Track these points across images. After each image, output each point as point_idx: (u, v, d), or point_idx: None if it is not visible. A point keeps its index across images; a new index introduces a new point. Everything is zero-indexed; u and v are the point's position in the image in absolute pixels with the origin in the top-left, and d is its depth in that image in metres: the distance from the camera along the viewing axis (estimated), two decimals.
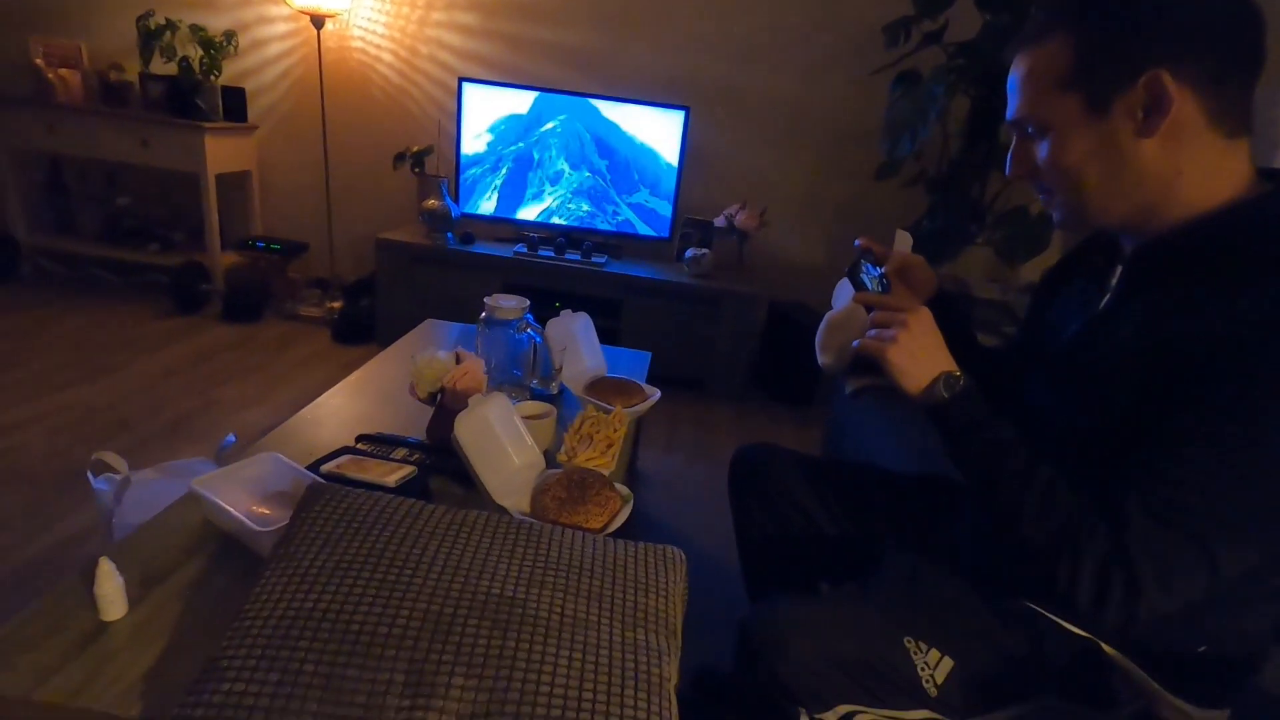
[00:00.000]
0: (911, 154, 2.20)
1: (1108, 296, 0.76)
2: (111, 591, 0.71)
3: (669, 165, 2.67)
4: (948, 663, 0.72)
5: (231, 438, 1.35)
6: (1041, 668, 0.73)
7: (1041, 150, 0.71)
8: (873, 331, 0.77)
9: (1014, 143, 0.75)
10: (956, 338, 0.80)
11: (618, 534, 0.91)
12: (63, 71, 2.74)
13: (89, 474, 1.26)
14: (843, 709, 0.72)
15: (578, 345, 1.41)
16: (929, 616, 0.76)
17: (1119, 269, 0.76)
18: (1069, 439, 0.72)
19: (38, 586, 1.32)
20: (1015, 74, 0.72)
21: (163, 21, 2.68)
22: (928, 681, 0.72)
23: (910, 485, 1.05)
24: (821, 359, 1.01)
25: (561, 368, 1.37)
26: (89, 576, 0.72)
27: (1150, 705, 0.73)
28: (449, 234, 2.69)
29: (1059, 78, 0.67)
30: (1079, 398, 0.73)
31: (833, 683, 0.71)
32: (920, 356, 0.74)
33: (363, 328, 2.78)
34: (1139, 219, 0.70)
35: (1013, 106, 0.72)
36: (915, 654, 0.73)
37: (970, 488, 0.72)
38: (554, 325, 1.39)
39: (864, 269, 0.88)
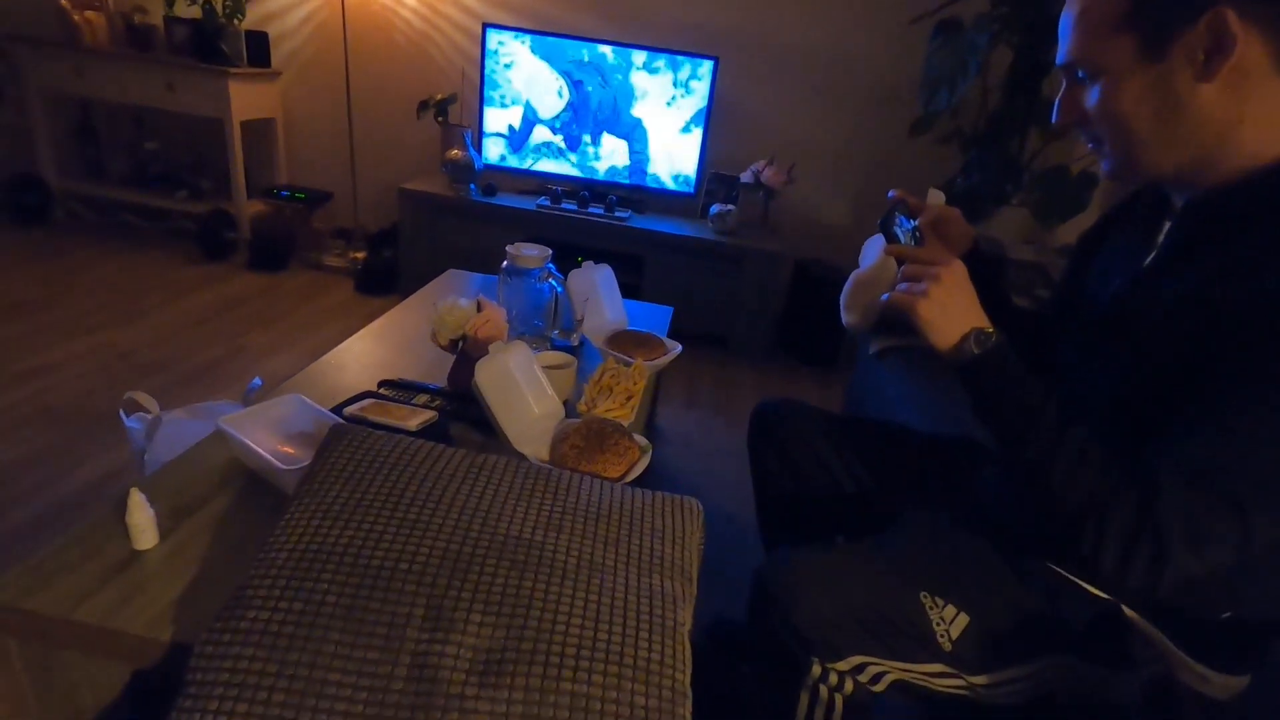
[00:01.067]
0: (948, 108, 2.12)
1: (1153, 253, 0.73)
2: (143, 522, 0.73)
3: (697, 117, 2.60)
4: (963, 618, 0.72)
5: (258, 381, 1.37)
6: (1058, 627, 0.73)
7: (1092, 95, 0.67)
8: (903, 285, 0.75)
9: (1063, 87, 0.71)
10: (990, 295, 0.78)
11: (635, 484, 0.91)
12: (88, 14, 2.72)
13: (121, 413, 1.29)
14: (855, 659, 0.72)
15: (599, 297, 1.40)
16: (945, 572, 0.76)
17: (1167, 225, 0.73)
18: (1102, 401, 0.71)
19: (72, 521, 1.37)
20: (1068, 14, 0.68)
21: None
22: (942, 636, 0.72)
23: (930, 444, 1.04)
24: (847, 318, 0.99)
25: (583, 319, 1.36)
26: (122, 508, 0.74)
27: (1168, 669, 0.72)
28: (472, 185, 2.67)
29: (1114, 17, 0.63)
30: (1116, 358, 0.71)
31: (847, 633, 0.72)
32: (951, 311, 0.72)
33: (386, 278, 2.79)
34: (1193, 170, 0.67)
35: (1064, 49, 0.69)
36: (931, 609, 0.73)
37: (998, 446, 0.70)
38: (576, 276, 1.38)
39: (897, 221, 0.85)
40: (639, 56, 2.54)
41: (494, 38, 2.56)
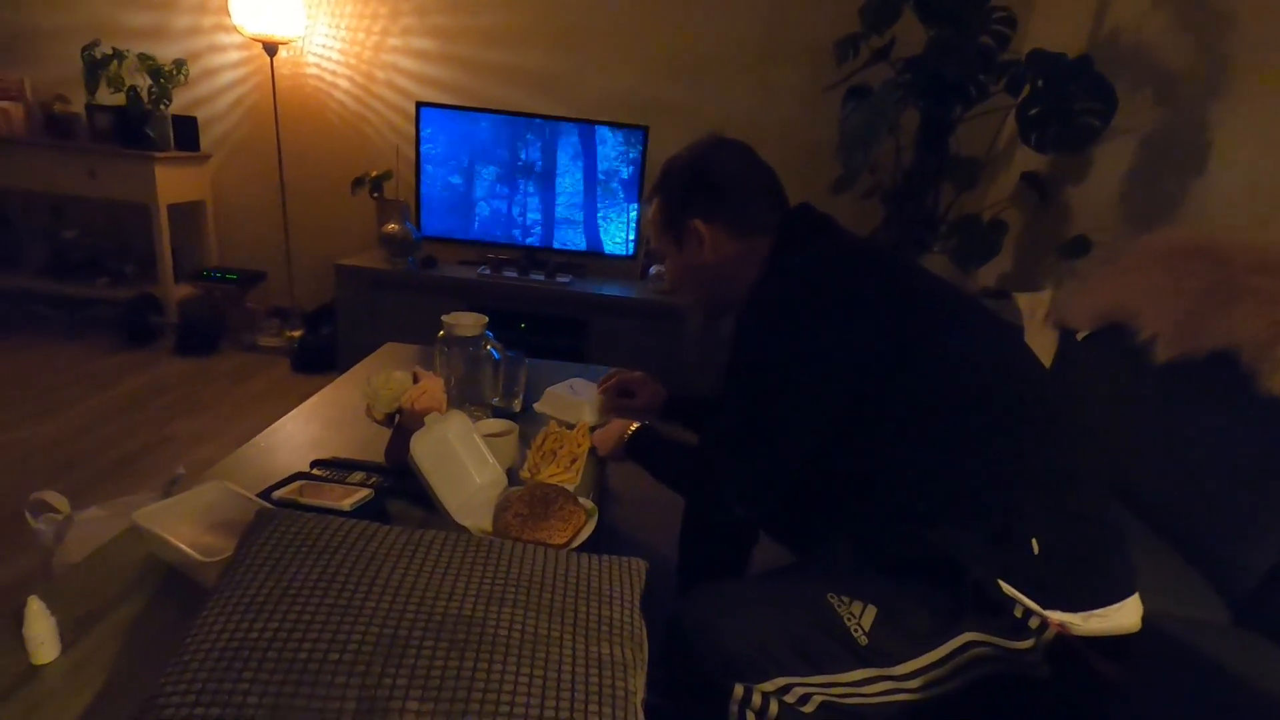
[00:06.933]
0: (864, 167, 2.24)
1: None
2: (42, 633, 0.67)
3: (631, 183, 2.68)
4: (871, 610, 0.75)
5: (181, 471, 1.30)
6: (955, 604, 0.75)
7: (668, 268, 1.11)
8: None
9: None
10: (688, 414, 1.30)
11: (584, 549, 0.89)
12: (4, 104, 2.66)
13: (28, 514, 1.20)
14: (780, 680, 0.72)
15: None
16: (844, 573, 0.81)
17: None
18: None
19: None
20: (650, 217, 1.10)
21: (109, 51, 2.62)
22: (856, 630, 0.74)
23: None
24: None
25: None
26: (17, 619, 0.68)
27: (1046, 625, 0.74)
28: (410, 258, 2.66)
29: (660, 225, 1.07)
30: None
31: (769, 651, 0.73)
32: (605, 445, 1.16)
33: (323, 356, 2.72)
34: (735, 299, 1.02)
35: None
36: (839, 607, 0.76)
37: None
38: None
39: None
40: (572, 128, 2.63)
41: (428, 115, 2.61)
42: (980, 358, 0.85)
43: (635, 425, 1.12)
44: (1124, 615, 0.77)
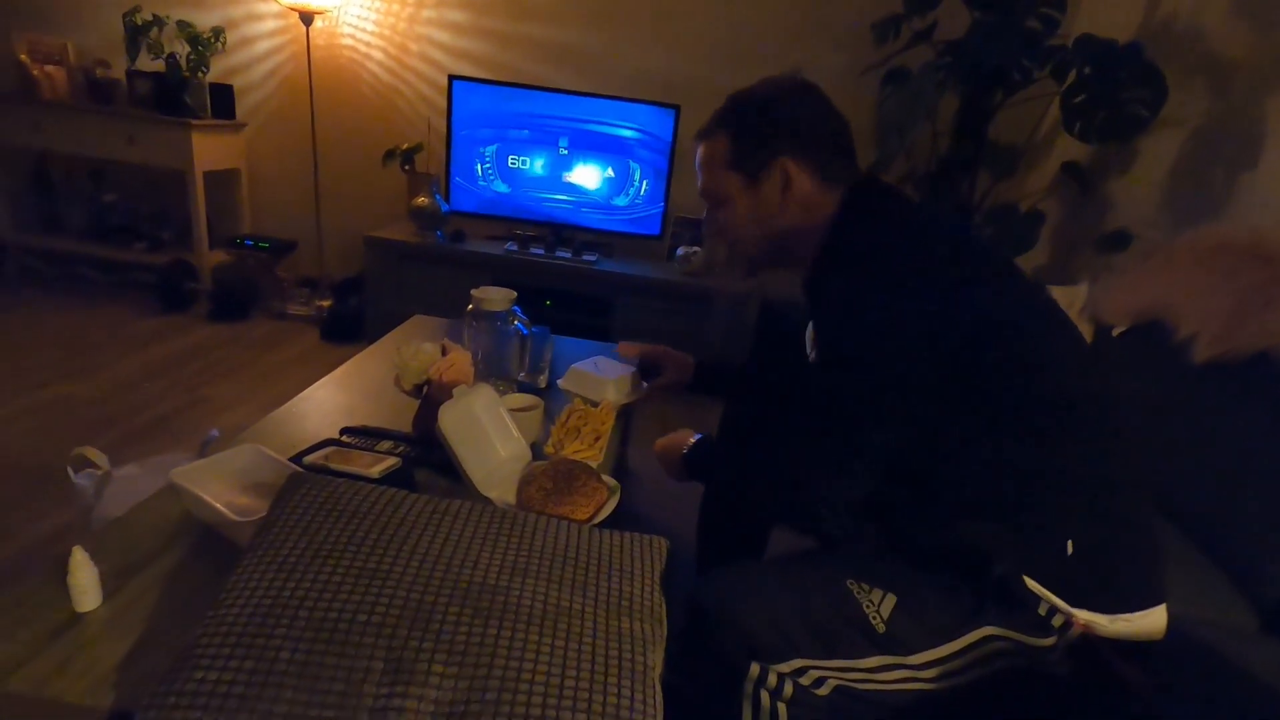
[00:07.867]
0: (901, 151, 2.20)
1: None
2: (85, 581, 0.70)
3: (660, 163, 2.66)
4: (891, 598, 0.76)
5: (215, 432, 1.34)
6: (977, 597, 0.75)
7: (721, 215, 0.98)
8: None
9: (706, 211, 1.02)
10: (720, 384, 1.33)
11: (605, 526, 0.90)
12: (48, 68, 2.71)
13: (69, 469, 1.24)
14: (797, 663, 0.74)
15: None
16: (865, 560, 0.81)
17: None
18: None
19: (12, 585, 1.30)
20: (697, 159, 0.99)
21: (150, 18, 2.66)
22: (875, 618, 0.74)
23: None
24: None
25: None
26: (63, 568, 0.71)
27: (1071, 624, 0.74)
28: (439, 231, 2.68)
29: (724, 161, 0.95)
30: None
31: (786, 632, 0.74)
32: (668, 459, 1.08)
33: (351, 326, 2.76)
34: (790, 254, 0.98)
35: (699, 184, 0.99)
36: (859, 594, 0.76)
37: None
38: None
39: None
40: (604, 106, 2.61)
41: (460, 89, 2.61)
42: (1049, 353, 0.80)
43: (692, 440, 1.03)
44: (1151, 621, 0.76)
